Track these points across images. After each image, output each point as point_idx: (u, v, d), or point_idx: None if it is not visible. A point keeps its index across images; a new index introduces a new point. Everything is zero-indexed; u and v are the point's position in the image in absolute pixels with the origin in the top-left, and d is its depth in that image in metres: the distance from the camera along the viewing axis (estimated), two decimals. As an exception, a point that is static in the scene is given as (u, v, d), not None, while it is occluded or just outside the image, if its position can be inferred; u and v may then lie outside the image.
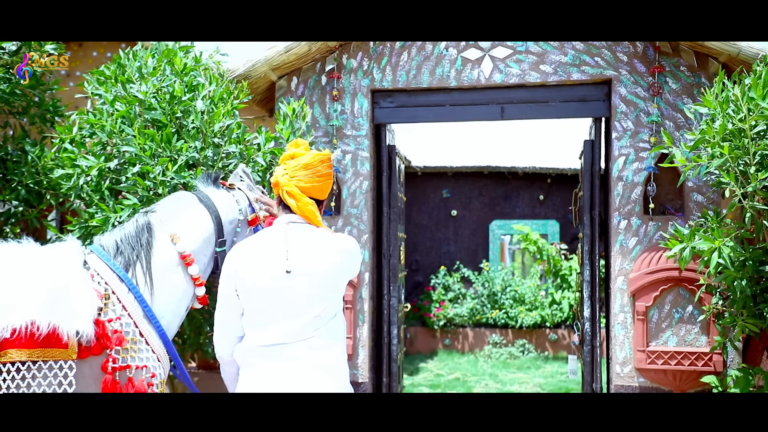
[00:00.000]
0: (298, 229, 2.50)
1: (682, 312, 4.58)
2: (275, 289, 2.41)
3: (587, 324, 4.90)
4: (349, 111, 5.00)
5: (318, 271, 2.43)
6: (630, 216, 4.69)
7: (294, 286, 2.40)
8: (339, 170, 4.98)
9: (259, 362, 2.43)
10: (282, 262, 2.42)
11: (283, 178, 2.53)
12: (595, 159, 4.92)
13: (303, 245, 2.45)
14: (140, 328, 2.78)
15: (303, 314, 2.41)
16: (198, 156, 3.94)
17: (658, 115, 4.64)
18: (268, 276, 2.42)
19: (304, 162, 2.53)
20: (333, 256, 2.47)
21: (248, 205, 3.21)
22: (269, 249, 2.46)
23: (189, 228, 3.00)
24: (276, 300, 2.41)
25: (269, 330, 2.42)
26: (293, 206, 2.50)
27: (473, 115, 5.00)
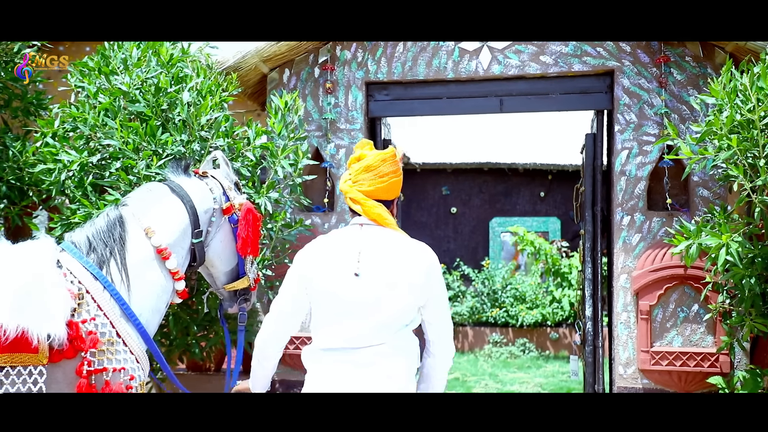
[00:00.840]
0: (372, 231, 2.42)
1: (688, 311, 4.42)
2: (343, 291, 2.34)
3: (589, 323, 4.75)
4: (343, 104, 4.85)
5: (387, 276, 2.32)
6: (633, 212, 4.54)
7: (362, 290, 2.32)
8: (332, 165, 4.83)
9: (323, 366, 2.37)
10: (352, 265, 2.34)
11: (346, 185, 2.49)
12: (597, 153, 4.76)
13: (375, 249, 2.37)
14: (117, 328, 2.66)
15: (370, 319, 2.32)
16: (184, 150, 3.79)
17: (662, 107, 4.48)
18: (337, 278, 2.34)
19: (365, 164, 2.45)
20: (404, 263, 2.35)
21: (222, 193, 3.08)
22: (341, 250, 2.39)
23: (163, 220, 2.87)
24: (344, 303, 2.34)
25: (335, 333, 2.35)
26: (360, 212, 2.44)
27: (471, 108, 4.85)
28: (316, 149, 4.86)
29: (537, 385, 8.08)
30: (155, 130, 3.69)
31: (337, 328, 2.34)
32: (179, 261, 2.87)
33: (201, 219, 2.96)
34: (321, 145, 4.84)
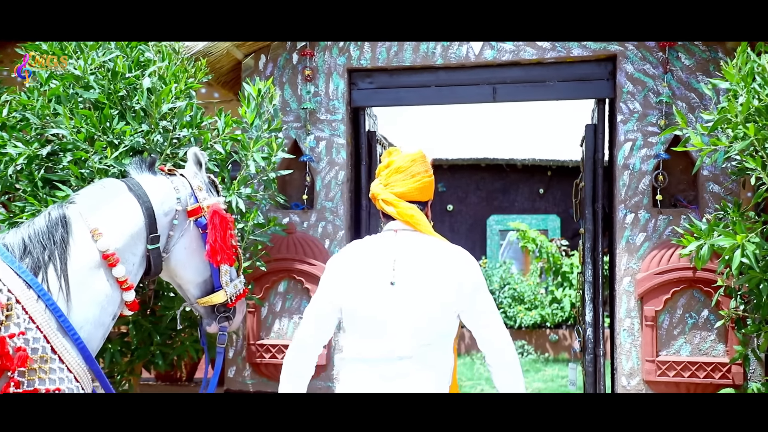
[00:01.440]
0: (406, 237, 2.35)
1: (697, 317, 4.07)
2: (378, 301, 2.27)
3: (589, 330, 4.39)
4: (323, 93, 4.49)
5: (423, 284, 2.25)
6: (637, 209, 4.18)
7: (398, 299, 2.25)
8: (312, 159, 4.47)
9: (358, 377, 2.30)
10: (387, 273, 2.28)
11: (378, 187, 2.42)
12: (598, 145, 4.40)
13: (410, 256, 2.30)
14: (52, 343, 2.36)
15: (405, 329, 2.25)
16: (143, 141, 3.44)
17: (669, 95, 4.12)
18: (373, 287, 2.28)
19: (396, 166, 2.40)
20: (440, 270, 2.27)
21: (191, 193, 2.73)
22: (375, 257, 2.32)
23: (114, 222, 2.55)
24: (379, 313, 2.27)
25: (370, 343, 2.29)
26: (393, 214, 2.37)
27: (462, 97, 4.49)
28: (294, 142, 4.50)
29: (535, 390, 7.73)
30: (110, 119, 3.34)
31: (372, 338, 2.28)
32: (129, 268, 2.56)
33: (159, 222, 2.64)
34: (299, 137, 4.48)
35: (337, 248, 4.44)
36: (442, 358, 2.32)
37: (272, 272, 4.42)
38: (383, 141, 4.98)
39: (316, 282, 4.32)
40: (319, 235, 4.46)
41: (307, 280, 4.38)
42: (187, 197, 2.72)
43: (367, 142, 4.64)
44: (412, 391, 2.22)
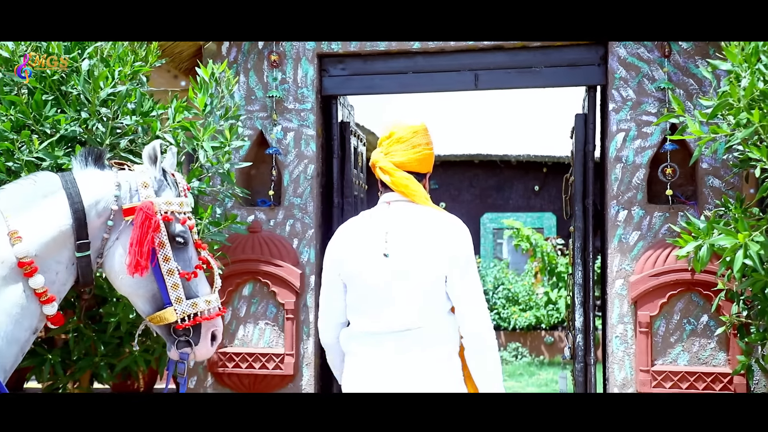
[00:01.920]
0: (399, 208, 2.35)
1: (695, 323, 3.73)
2: (374, 273, 2.29)
3: (579, 336, 4.05)
4: (291, 80, 4.15)
5: (416, 254, 2.26)
6: (631, 205, 3.84)
7: (393, 271, 2.27)
8: (279, 152, 4.13)
9: (362, 351, 2.32)
10: (380, 245, 2.29)
11: (379, 156, 2.42)
12: (589, 136, 4.06)
13: (403, 226, 2.31)
14: None
15: (403, 301, 2.26)
16: (80, 130, 3.10)
17: (665, 81, 3.78)
18: (367, 260, 2.30)
19: (397, 136, 2.40)
20: (433, 237, 2.27)
21: (135, 190, 2.39)
22: (369, 231, 2.34)
23: (37, 224, 2.23)
24: (375, 285, 2.29)
25: (371, 317, 2.31)
26: (388, 182, 2.36)
27: (442, 85, 4.15)
28: (260, 133, 4.16)
29: (528, 396, 7.40)
30: (41, 104, 3.00)
31: (371, 311, 2.30)
32: (51, 278, 2.24)
33: (91, 225, 2.30)
34: (266, 127, 4.14)
35: (306, 248, 4.10)
36: (444, 326, 2.30)
37: (236, 274, 4.08)
38: (358, 132, 4.63)
39: (284, 285, 3.98)
40: (286, 233, 4.13)
41: (274, 283, 4.05)
42: (129, 194, 2.38)
43: (339, 133, 4.30)
44: (416, 362, 2.24)
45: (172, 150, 2.57)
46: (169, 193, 2.43)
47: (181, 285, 2.34)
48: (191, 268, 2.39)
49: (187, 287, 2.37)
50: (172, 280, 2.34)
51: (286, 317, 4.04)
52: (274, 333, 4.12)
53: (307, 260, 4.09)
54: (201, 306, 2.37)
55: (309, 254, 4.10)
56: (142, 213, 2.31)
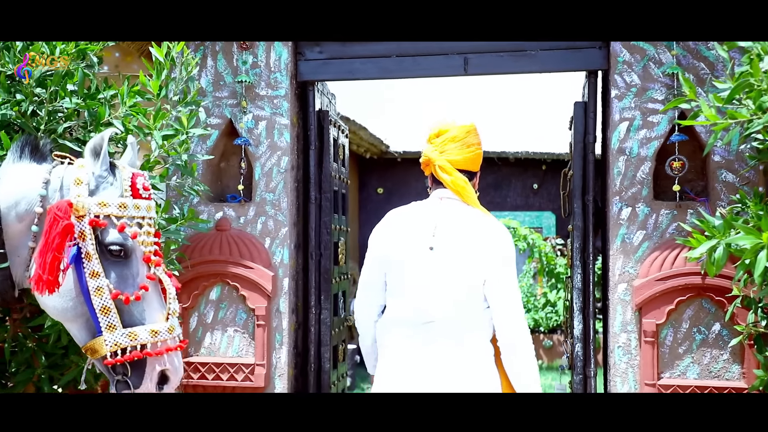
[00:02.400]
0: (450, 205, 2.44)
1: (707, 332, 3.37)
2: (417, 264, 2.37)
3: (578, 346, 3.69)
4: (263, 64, 3.79)
5: (460, 251, 2.35)
6: (635, 202, 3.48)
7: (435, 265, 2.35)
8: (249, 143, 3.77)
9: (396, 340, 2.40)
10: (427, 239, 2.38)
11: (434, 153, 2.48)
12: (589, 126, 3.70)
13: (452, 223, 2.39)
14: None
15: (442, 293, 2.34)
16: (13, 113, 2.75)
17: (673, 65, 3.42)
18: (413, 251, 2.39)
19: (452, 135, 2.48)
20: (478, 239, 2.37)
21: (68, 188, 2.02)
22: (418, 223, 2.42)
23: None
24: (417, 276, 2.37)
25: (408, 306, 2.38)
26: (447, 181, 2.44)
27: (428, 69, 3.79)
28: (229, 122, 3.80)
29: (524, 404, 7.04)
30: (-33, 85, 2.65)
31: (410, 300, 2.37)
32: None
33: (10, 230, 1.97)
34: (235, 116, 3.78)
35: (279, 248, 3.74)
36: (480, 320, 2.36)
37: (202, 276, 3.73)
38: (339, 123, 4.27)
39: (254, 288, 3.63)
40: (258, 232, 3.77)
41: (244, 286, 3.69)
42: (58, 195, 2.01)
43: (317, 122, 3.94)
44: (450, 353, 2.31)
45: (132, 143, 2.18)
46: (111, 192, 2.01)
47: (113, 309, 1.93)
48: (134, 288, 1.96)
49: (126, 312, 1.95)
50: (100, 302, 1.93)
51: (257, 324, 3.68)
52: (243, 341, 3.76)
53: (280, 261, 3.73)
54: (142, 337, 1.94)
55: (282, 255, 3.74)
56: (51, 214, 1.92)
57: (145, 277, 1.99)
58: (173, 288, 2.06)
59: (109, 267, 1.95)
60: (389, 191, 10.48)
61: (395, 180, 10.43)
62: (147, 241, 2.02)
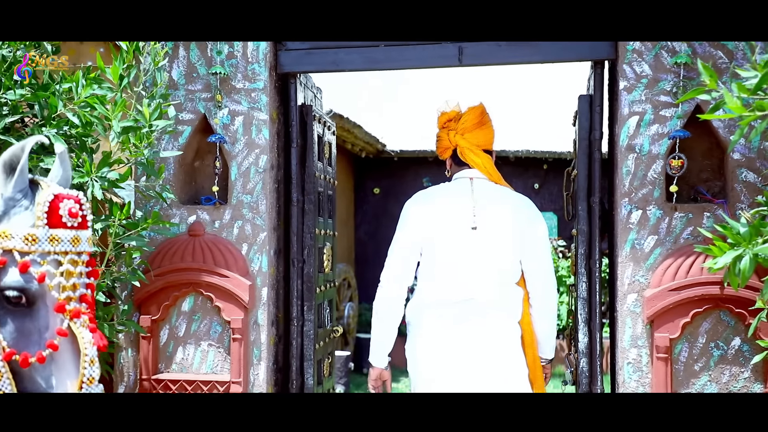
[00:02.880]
0: (482, 185, 2.57)
1: (726, 348, 3.06)
2: (461, 245, 2.48)
3: (583, 361, 3.38)
4: (239, 54, 3.48)
5: (501, 229, 2.50)
6: (646, 204, 3.17)
7: (479, 244, 2.48)
8: (225, 140, 3.46)
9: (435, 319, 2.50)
10: (468, 218, 2.49)
11: (457, 137, 2.63)
12: (595, 121, 3.39)
13: (489, 202, 2.52)
14: None
15: (485, 272, 2.48)
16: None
17: (688, 54, 3.11)
18: (455, 231, 2.49)
19: (470, 118, 2.65)
20: (516, 215, 2.55)
21: None
22: (456, 203, 2.52)
23: None
24: (461, 256, 2.48)
25: (449, 286, 2.48)
26: (478, 163, 2.60)
27: (419, 60, 3.48)
28: (203, 117, 3.49)
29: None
30: None
31: (450, 280, 2.47)
32: None
33: None
34: (210, 110, 3.47)
35: (258, 255, 3.44)
36: (515, 295, 2.57)
37: (173, 285, 3.41)
38: (325, 118, 3.97)
39: (230, 299, 3.32)
40: (234, 237, 3.46)
41: (219, 297, 3.38)
42: None
43: (299, 118, 3.63)
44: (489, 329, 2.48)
45: (61, 153, 1.76)
46: (21, 220, 1.60)
47: (5, 373, 1.54)
48: (39, 346, 1.56)
49: (27, 378, 1.56)
50: None
51: (233, 338, 3.37)
52: (218, 356, 3.45)
53: (258, 269, 3.42)
54: None
55: (261, 262, 3.43)
56: None
57: (55, 332, 1.58)
58: (92, 348, 1.60)
59: (7, 317, 1.55)
60: (386, 191, 10.17)
61: (392, 180, 10.12)
62: (64, 284, 1.60)
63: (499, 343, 2.51)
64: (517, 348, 2.59)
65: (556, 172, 9.70)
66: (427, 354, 2.53)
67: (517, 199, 2.63)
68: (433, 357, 2.52)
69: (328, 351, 4.01)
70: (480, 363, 2.48)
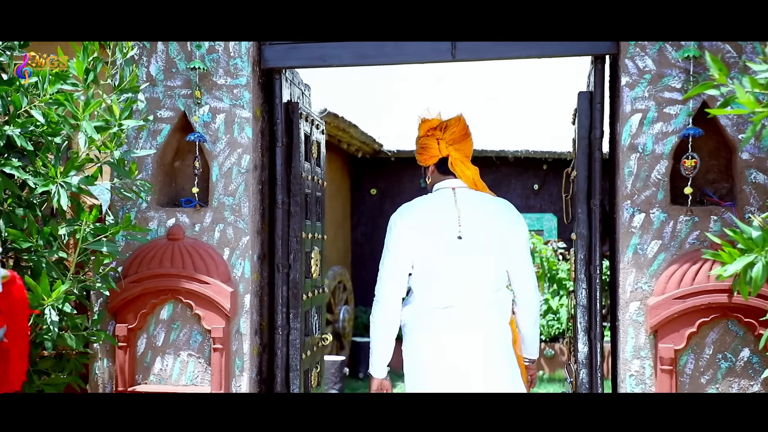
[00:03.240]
0: (465, 193, 2.67)
1: (734, 359, 2.89)
2: (449, 254, 2.57)
3: (583, 372, 3.20)
4: (221, 48, 3.31)
5: (485, 236, 2.60)
6: (649, 207, 3.00)
7: (466, 252, 2.57)
8: (205, 139, 3.29)
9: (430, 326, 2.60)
10: (454, 228, 2.58)
11: (450, 149, 2.69)
12: (595, 119, 3.21)
13: (473, 211, 2.62)
14: None
15: (474, 280, 2.58)
16: None
17: (694, 47, 2.94)
18: (442, 242, 2.58)
19: (457, 129, 2.71)
20: (498, 221, 2.64)
21: None
22: (441, 214, 2.61)
23: None
24: (449, 265, 2.57)
25: (441, 294, 2.59)
26: (467, 175, 2.68)
27: (410, 55, 3.30)
28: (182, 114, 3.32)
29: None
30: None
31: (442, 288, 2.58)
32: None
33: None
34: (189, 108, 3.30)
35: (240, 260, 3.26)
36: (503, 298, 2.67)
37: (151, 292, 3.24)
38: (312, 116, 3.79)
39: (211, 306, 3.15)
40: (215, 241, 3.29)
41: (199, 304, 3.21)
42: None
43: (284, 116, 3.45)
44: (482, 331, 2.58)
45: None
46: None
47: None
48: None
49: None
50: None
51: (214, 347, 3.20)
52: (198, 367, 3.28)
53: (240, 275, 3.25)
54: None
55: (243, 267, 3.26)
56: None
57: None
58: None
59: None
60: (383, 192, 10.00)
61: (389, 180, 9.94)
62: None
63: (493, 346, 2.59)
64: (510, 349, 2.67)
65: (555, 172, 9.54)
66: (424, 359, 2.60)
67: (498, 205, 2.68)
68: (430, 362, 2.59)
69: (317, 360, 3.83)
70: (476, 366, 2.57)
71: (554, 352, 8.81)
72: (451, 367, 2.56)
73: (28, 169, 2.53)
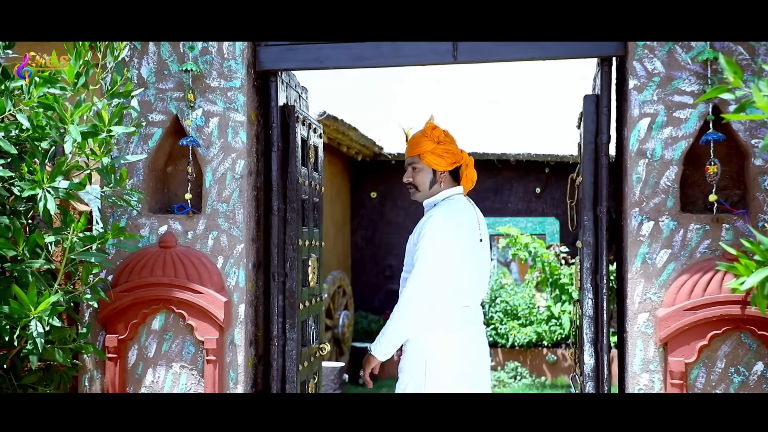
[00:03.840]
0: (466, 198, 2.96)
1: (747, 373, 2.78)
2: (475, 256, 2.83)
3: (589, 385, 3.09)
4: (215, 49, 3.20)
5: (486, 237, 2.95)
6: (658, 215, 2.89)
7: (483, 253, 2.89)
8: (198, 143, 3.18)
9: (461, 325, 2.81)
10: (476, 232, 2.85)
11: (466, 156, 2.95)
12: (602, 124, 3.10)
13: (477, 214, 2.92)
14: None
15: (486, 280, 2.93)
16: None
17: (706, 49, 2.83)
18: (472, 245, 2.83)
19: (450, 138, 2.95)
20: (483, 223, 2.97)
21: None
22: (470, 220, 2.85)
23: None
24: (474, 265, 2.84)
25: (469, 294, 2.83)
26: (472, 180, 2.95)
27: (411, 56, 3.20)
28: (174, 118, 3.22)
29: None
30: None
31: (472, 288, 2.84)
32: None
33: None
34: (182, 111, 3.20)
35: (234, 269, 3.15)
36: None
37: (142, 302, 3.14)
38: (310, 120, 3.68)
39: (204, 317, 3.04)
40: (209, 249, 3.18)
41: (192, 314, 3.10)
42: None
43: (280, 120, 3.35)
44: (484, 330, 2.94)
45: None
46: None
47: None
48: None
49: None
50: None
51: (207, 359, 3.09)
52: (191, 379, 3.17)
53: (234, 284, 3.14)
54: None
55: (238, 276, 3.15)
56: None
57: None
58: None
59: None
60: (383, 195, 9.89)
61: (389, 184, 9.83)
62: None
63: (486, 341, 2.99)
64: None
65: (558, 175, 9.44)
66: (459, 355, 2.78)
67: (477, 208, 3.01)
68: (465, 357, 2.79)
69: (314, 371, 3.72)
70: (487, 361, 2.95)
71: (557, 358, 8.72)
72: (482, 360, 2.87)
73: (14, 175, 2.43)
